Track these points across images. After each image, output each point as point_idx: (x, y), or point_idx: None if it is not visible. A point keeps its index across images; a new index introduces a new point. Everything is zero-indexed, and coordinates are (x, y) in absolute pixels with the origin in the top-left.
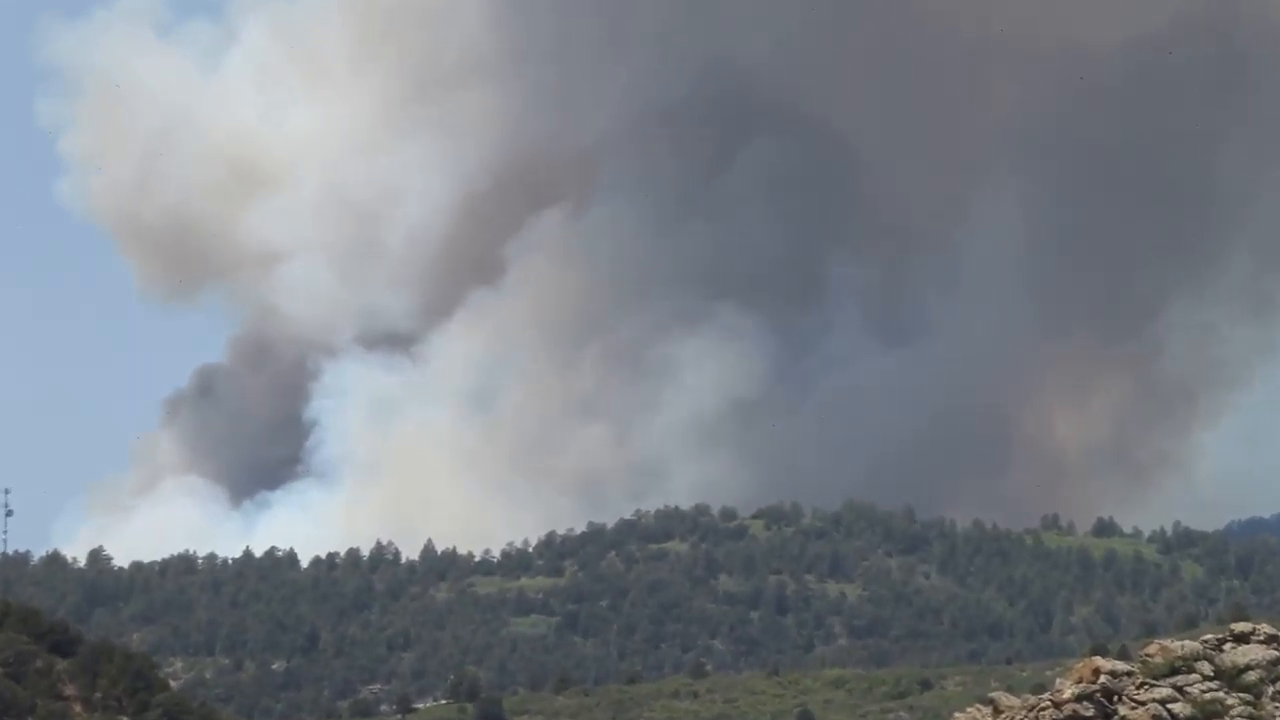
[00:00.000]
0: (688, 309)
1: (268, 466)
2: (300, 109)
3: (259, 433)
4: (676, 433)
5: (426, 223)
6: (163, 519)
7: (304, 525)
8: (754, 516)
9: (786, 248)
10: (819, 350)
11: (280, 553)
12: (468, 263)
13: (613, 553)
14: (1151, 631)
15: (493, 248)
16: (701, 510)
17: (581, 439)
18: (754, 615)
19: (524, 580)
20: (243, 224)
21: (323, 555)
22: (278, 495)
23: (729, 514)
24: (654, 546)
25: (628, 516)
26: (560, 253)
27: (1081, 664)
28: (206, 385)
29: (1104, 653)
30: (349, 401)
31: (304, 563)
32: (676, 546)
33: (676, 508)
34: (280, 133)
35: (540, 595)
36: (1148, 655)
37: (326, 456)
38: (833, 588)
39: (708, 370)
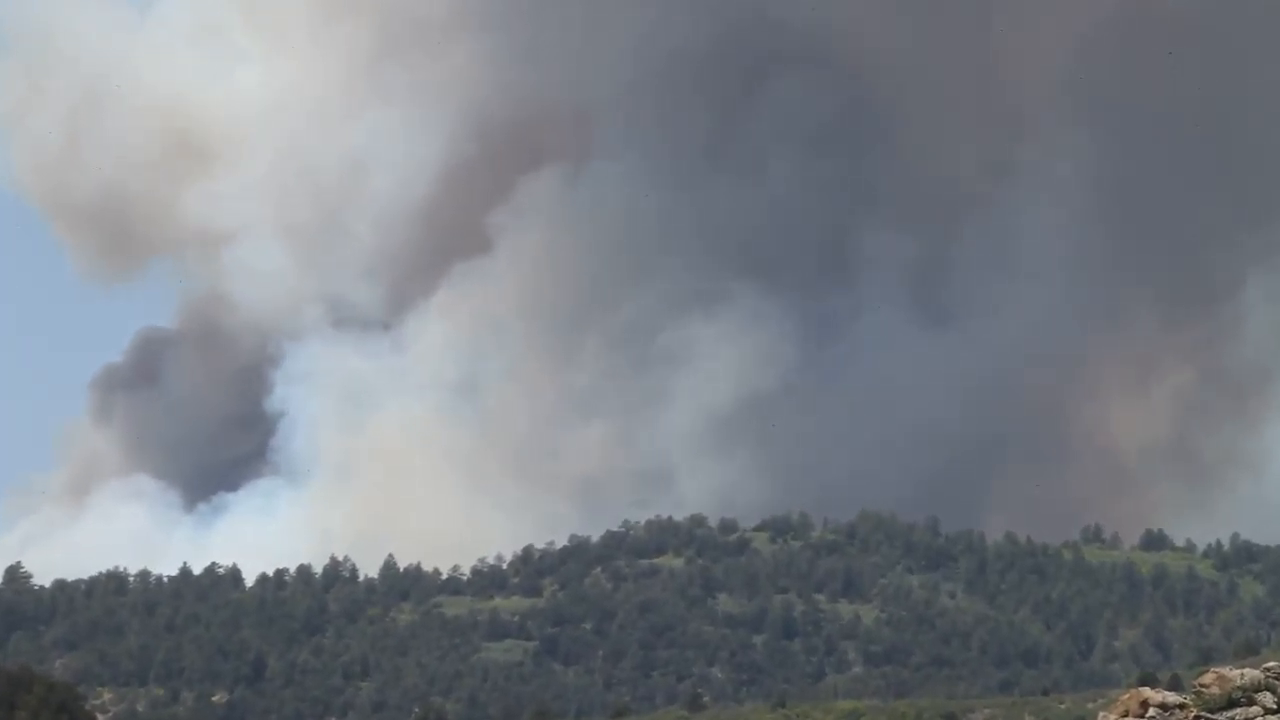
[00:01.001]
0: (700, 288)
1: (220, 466)
2: (252, 67)
3: (211, 426)
4: (687, 431)
5: (401, 192)
6: (97, 528)
7: (264, 534)
8: (757, 528)
9: (813, 216)
10: (849, 335)
11: (221, 569)
12: (448, 236)
13: (598, 569)
14: (1206, 658)
15: (476, 218)
16: (698, 521)
17: (578, 438)
18: (757, 639)
19: (497, 600)
20: (188, 197)
21: (269, 572)
22: (236, 498)
23: (729, 526)
24: (644, 562)
25: (615, 528)
26: (553, 223)
27: (1127, 695)
28: (148, 369)
29: (1153, 683)
30: (316, 389)
31: (249, 580)
32: (670, 562)
33: (670, 518)
34: (231, 95)
35: (516, 617)
36: (1202, 686)
37: (290, 454)
38: (846, 609)
39: (722, 359)
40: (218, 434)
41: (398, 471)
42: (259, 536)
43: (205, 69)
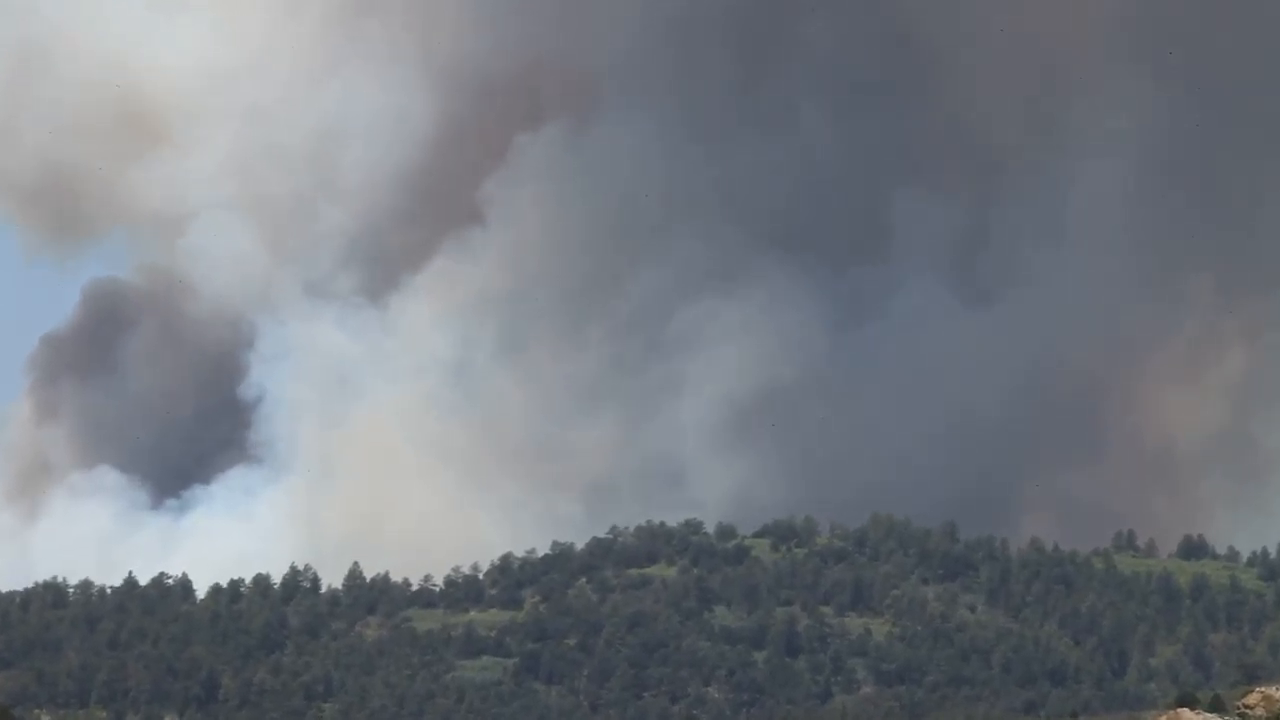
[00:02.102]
0: (716, 262)
1: (186, 459)
2: (211, 27)
3: (175, 413)
4: (701, 426)
5: (381, 161)
6: (45, 529)
7: (241, 535)
8: (757, 535)
9: (842, 182)
10: (880, 315)
11: (170, 580)
12: (434, 207)
13: (583, 579)
14: (1251, 677)
15: (466, 187)
16: (693, 527)
17: (580, 432)
18: (758, 656)
19: (473, 614)
20: (141, 172)
21: (223, 583)
22: (209, 493)
23: (726, 532)
24: (634, 572)
25: (601, 534)
26: (552, 191)
27: (1165, 717)
28: (101, 337)
29: (1192, 703)
30: (293, 375)
31: (200, 592)
32: (662, 571)
33: (662, 524)
34: (187, 58)
35: (493, 632)
36: (1246, 707)
37: (268, 446)
38: (855, 622)
39: (742, 342)
40: (185, 423)
41: (384, 468)
42: (235, 538)
43: (156, 29)
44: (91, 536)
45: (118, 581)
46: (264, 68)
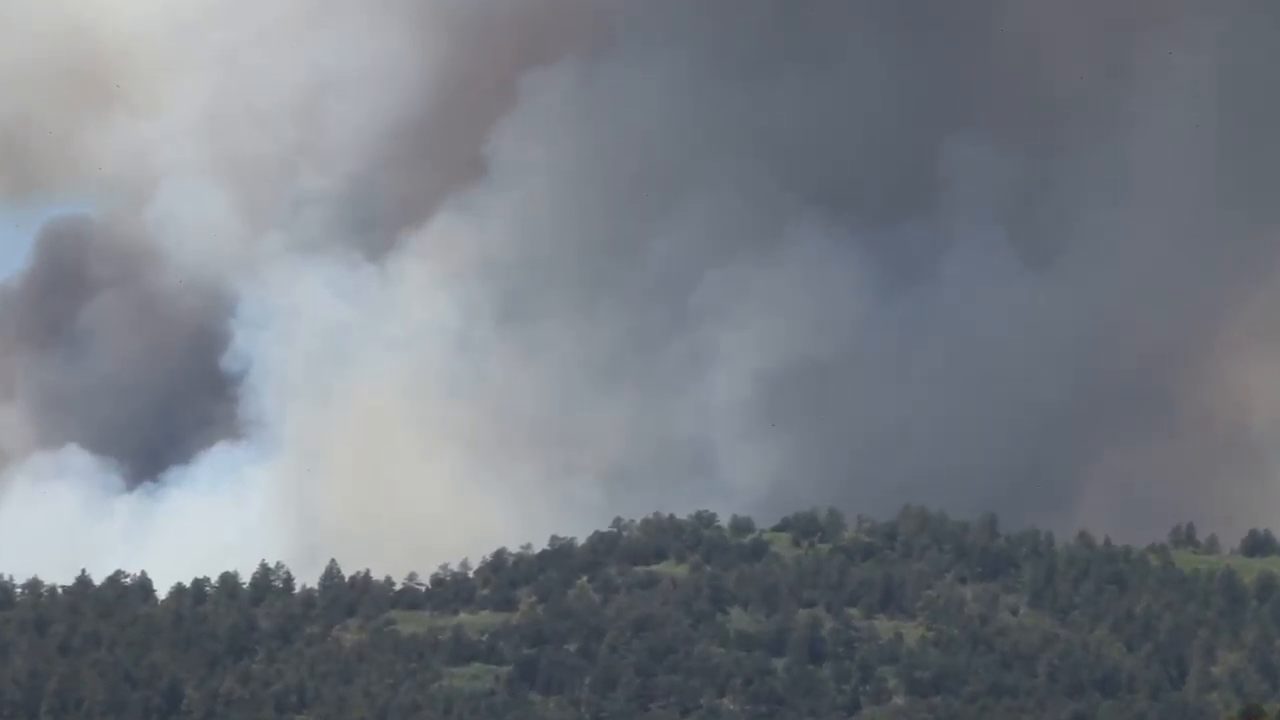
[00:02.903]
0: (747, 221)
1: (158, 439)
2: None
3: (146, 387)
4: (733, 405)
5: (371, 111)
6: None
7: (214, 528)
8: (776, 529)
9: (889, 131)
10: (929, 278)
11: (128, 579)
12: (432, 162)
13: (584, 578)
14: None
15: (468, 137)
16: (704, 520)
17: (595, 413)
18: (777, 663)
19: (463, 616)
20: (105, 133)
21: (186, 583)
22: (188, 475)
23: (742, 525)
24: (641, 569)
25: (604, 528)
26: (562, 142)
27: None
28: (57, 304)
29: (1259, 715)
30: (280, 348)
31: (160, 592)
32: (672, 569)
33: (671, 517)
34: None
35: (485, 636)
36: None
37: (251, 423)
38: (885, 626)
39: (775, 312)
40: (160, 398)
41: (379, 450)
42: (217, 526)
43: None
44: (58, 526)
45: (71, 580)
46: (238, 12)
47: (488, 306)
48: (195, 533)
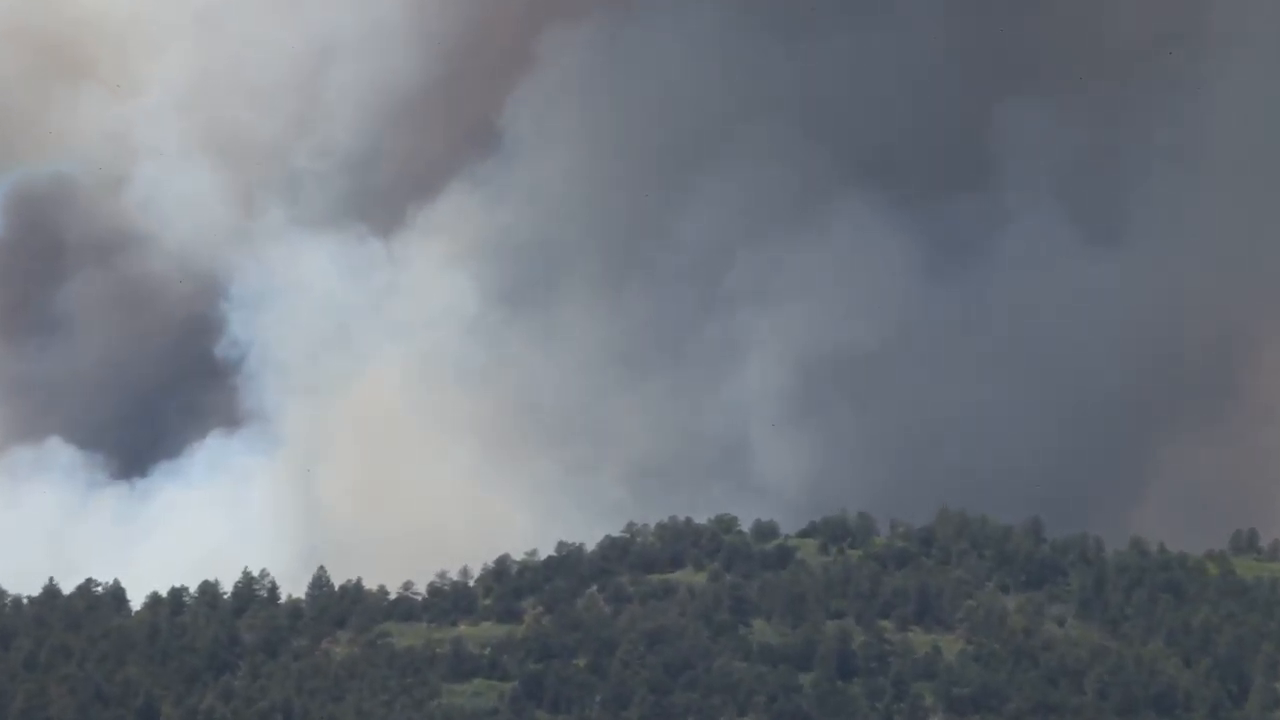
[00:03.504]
0: (784, 196)
1: (146, 434)
2: None
3: (133, 378)
4: (769, 397)
5: (375, 76)
6: None
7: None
8: (803, 534)
9: (943, 97)
10: (983, 257)
11: (99, 588)
12: (443, 132)
13: (593, 587)
14: None
15: (482, 104)
16: (725, 524)
17: (619, 406)
18: (804, 679)
19: (464, 628)
20: (82, 107)
21: (162, 592)
22: (177, 469)
23: (766, 530)
24: (656, 578)
25: (616, 533)
26: (586, 106)
27: None
28: (33, 277)
29: None
30: (277, 335)
31: (135, 602)
32: (689, 578)
33: (688, 520)
34: None
35: (487, 650)
36: None
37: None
38: (921, 639)
39: (814, 295)
40: (148, 389)
41: (384, 444)
42: (210, 527)
43: None
44: (38, 527)
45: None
46: None
47: (503, 289)
48: (187, 534)
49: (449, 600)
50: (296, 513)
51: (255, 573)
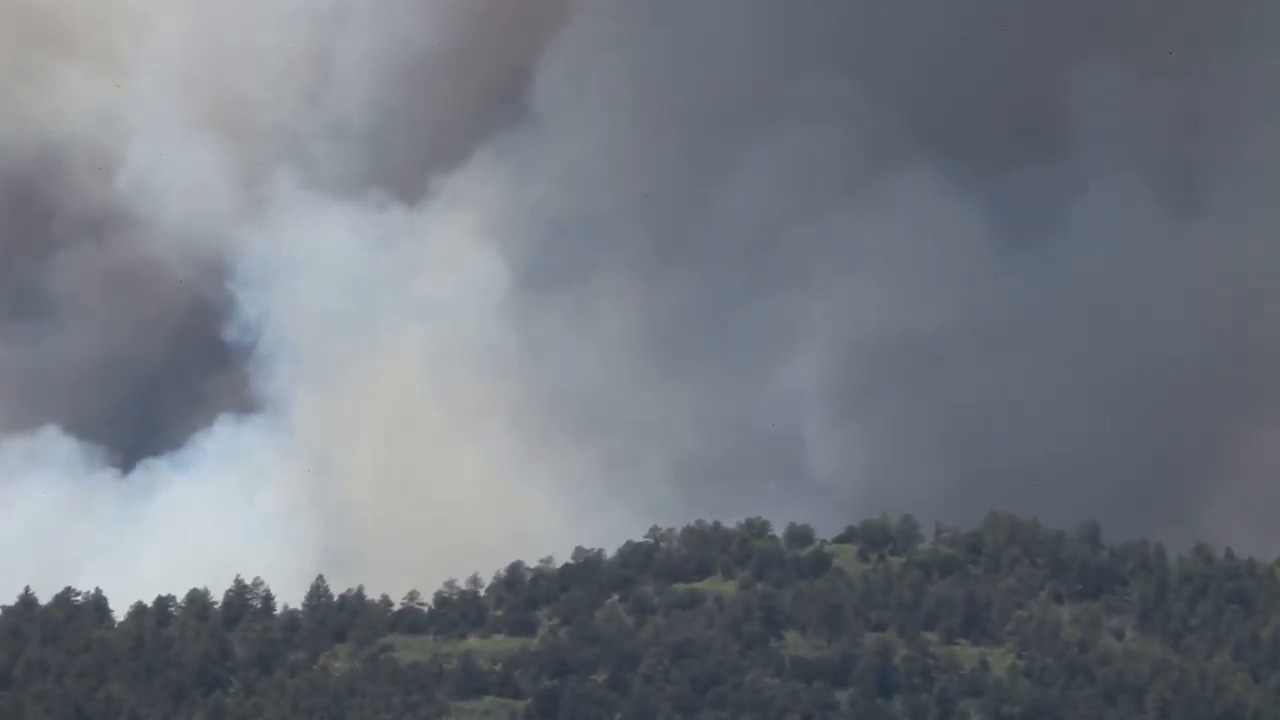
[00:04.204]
0: (840, 164)
1: (146, 425)
2: None
3: (126, 360)
4: (822, 386)
5: (391, 32)
6: None
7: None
8: (840, 539)
9: (1012, 50)
10: (1057, 228)
11: (79, 598)
12: (466, 94)
13: (614, 596)
14: None
15: (509, 66)
16: (756, 529)
17: (659, 394)
18: (841, 696)
19: (473, 642)
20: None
21: (147, 602)
22: (183, 462)
23: (801, 535)
24: (682, 587)
25: (638, 538)
26: (622, 67)
27: None
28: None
29: None
30: (287, 318)
31: (118, 613)
32: (717, 586)
33: (717, 524)
34: None
35: (498, 666)
36: None
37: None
38: (968, 652)
39: (873, 273)
40: (146, 377)
41: (405, 436)
42: (213, 533)
43: None
44: (30, 525)
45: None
46: None
47: (533, 267)
48: (191, 534)
49: (457, 611)
50: (309, 511)
51: (260, 575)
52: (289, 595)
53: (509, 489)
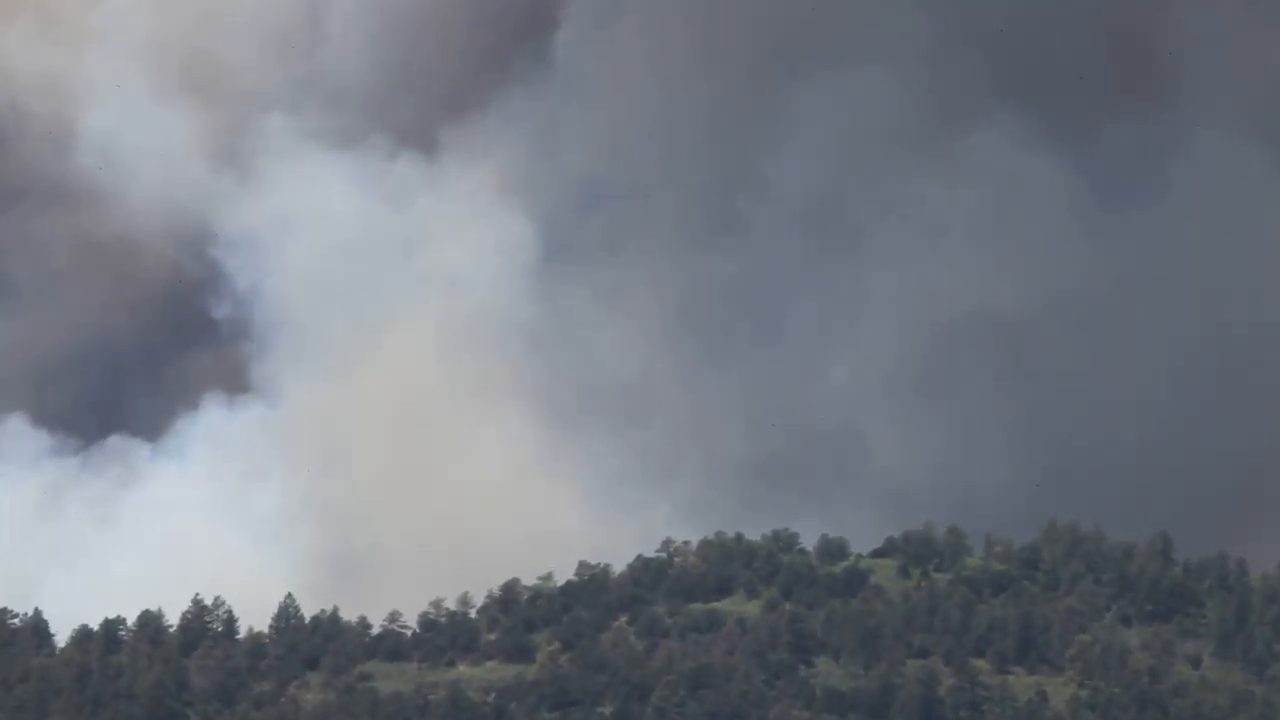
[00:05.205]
0: (911, 122)
1: (121, 412)
2: None
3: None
4: (887, 374)
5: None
6: None
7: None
8: (878, 553)
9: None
10: (1161, 186)
11: (17, 620)
12: (483, 35)
13: (623, 618)
14: None
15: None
16: (783, 541)
17: (702, 384)
18: None
19: (463, 669)
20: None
21: (94, 625)
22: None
23: (834, 549)
24: (699, 607)
25: (650, 553)
26: (658, 5)
27: None
28: None
29: None
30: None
31: (60, 638)
32: (739, 607)
33: (740, 537)
34: None
35: (492, 695)
36: None
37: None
38: (1023, 681)
39: (947, 245)
40: (120, 358)
41: (413, 424)
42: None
43: None
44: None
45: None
46: None
47: (561, 234)
48: (174, 543)
49: (445, 635)
50: (305, 517)
51: (241, 587)
52: (257, 617)
53: (525, 489)
